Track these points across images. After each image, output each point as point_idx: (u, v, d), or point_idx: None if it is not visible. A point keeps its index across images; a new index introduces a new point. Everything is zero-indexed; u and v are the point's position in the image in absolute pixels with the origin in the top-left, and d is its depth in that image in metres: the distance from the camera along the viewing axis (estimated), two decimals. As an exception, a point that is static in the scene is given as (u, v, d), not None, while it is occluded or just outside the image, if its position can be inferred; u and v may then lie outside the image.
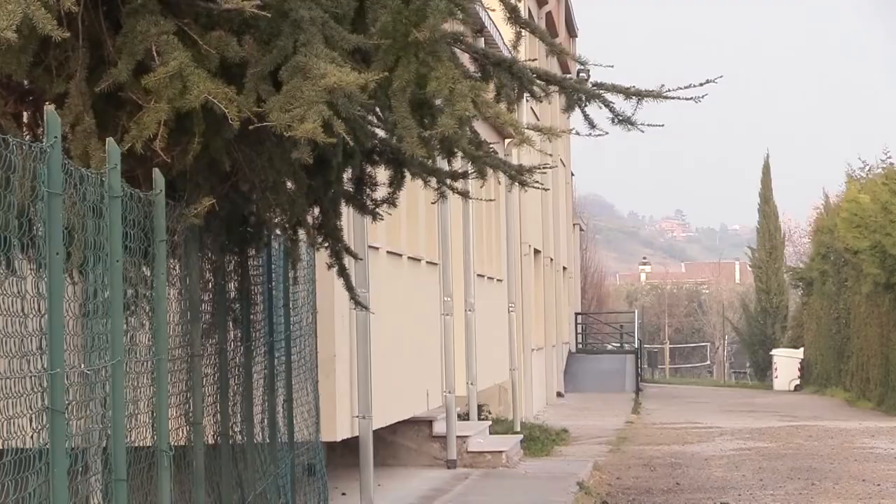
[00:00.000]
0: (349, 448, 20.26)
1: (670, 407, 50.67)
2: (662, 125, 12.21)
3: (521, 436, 31.22)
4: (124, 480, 9.06)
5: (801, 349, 65.88)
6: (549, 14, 49.24)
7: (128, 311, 9.53)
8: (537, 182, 13.38)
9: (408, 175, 12.65)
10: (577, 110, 12.19)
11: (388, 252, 23.18)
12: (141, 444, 9.85)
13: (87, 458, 8.74)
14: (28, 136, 10.20)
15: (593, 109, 12.06)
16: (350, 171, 12.46)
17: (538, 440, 32.18)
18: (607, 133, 12.23)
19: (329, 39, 10.09)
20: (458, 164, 12.66)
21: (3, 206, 7.36)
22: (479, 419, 30.61)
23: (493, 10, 13.00)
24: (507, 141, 26.21)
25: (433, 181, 12.74)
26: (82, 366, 8.59)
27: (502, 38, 27.33)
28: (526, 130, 10.95)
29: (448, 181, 12.81)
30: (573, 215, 66.52)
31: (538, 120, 36.98)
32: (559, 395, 52.10)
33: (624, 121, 11.97)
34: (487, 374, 32.88)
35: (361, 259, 15.88)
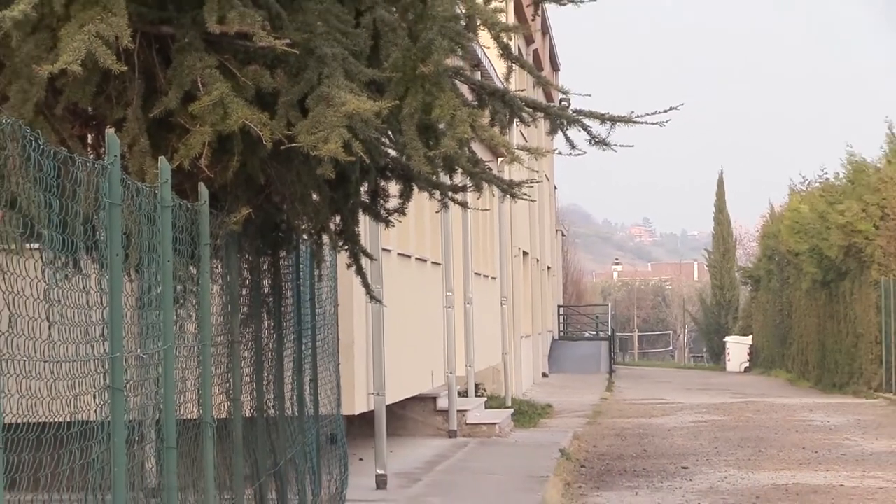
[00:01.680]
0: (365, 420, 20.26)
1: (639, 386, 50.68)
2: (633, 146, 12.21)
3: (511, 410, 31.25)
4: (174, 448, 9.05)
5: (750, 337, 65.92)
6: (535, 51, 49.23)
7: (177, 304, 9.53)
8: (525, 194, 13.38)
9: (415, 188, 12.63)
10: (560, 133, 12.17)
11: (398, 254, 23.19)
12: (188, 417, 9.84)
13: (143, 429, 8.74)
14: (92, 156, 10.19)
15: (573, 132, 12.04)
16: (366, 184, 12.44)
17: (526, 414, 32.19)
18: (585, 152, 12.21)
19: (348, 73, 10.09)
20: (458, 178, 12.64)
21: (71, 214, 7.36)
22: (476, 396, 30.65)
23: (488, 48, 12.97)
24: (499, 159, 26.19)
25: (437, 193, 12.72)
26: (138, 350, 8.58)
27: (496, 72, 27.34)
28: (516, 150, 10.94)
29: (450, 193, 12.79)
30: (556, 222, 66.50)
31: (526, 141, 36.92)
32: (544, 375, 52.11)
33: (599, 142, 11.95)
34: (483, 358, 32.90)
35: (376, 260, 15.87)
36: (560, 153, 12.52)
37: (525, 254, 45.40)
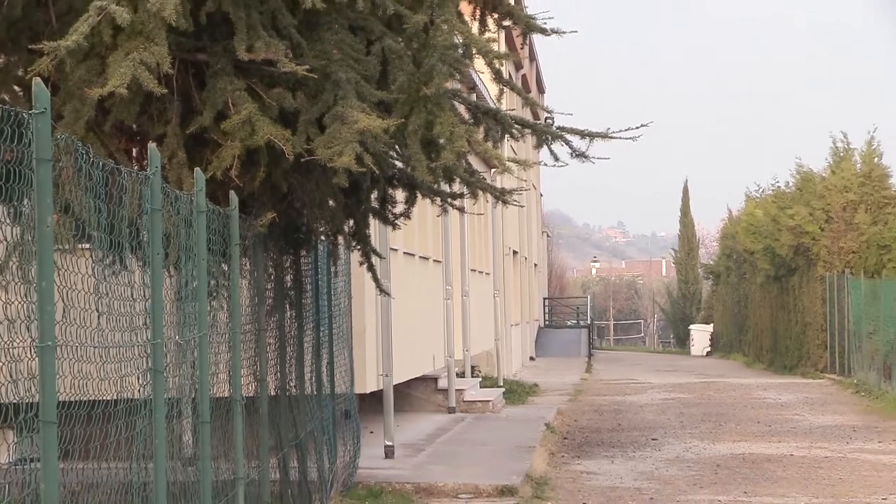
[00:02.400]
0: (375, 398, 20.25)
1: (614, 368, 50.67)
2: (608, 158, 12.21)
3: (503, 389, 31.23)
4: (208, 422, 9.05)
5: (711, 325, 65.87)
6: (524, 76, 49.19)
7: (211, 296, 9.53)
8: (515, 201, 13.38)
9: (419, 195, 12.63)
10: (545, 147, 12.18)
11: (404, 252, 23.18)
12: (220, 396, 9.84)
13: (180, 406, 8.73)
14: (136, 167, 10.19)
15: (557, 146, 12.05)
16: (376, 192, 12.44)
17: (516, 392, 32.17)
18: (567, 164, 12.21)
19: (360, 94, 10.08)
20: (457, 187, 12.64)
21: (117, 218, 7.36)
22: (472, 376, 30.66)
23: (483, 73, 13.00)
24: (492, 170, 26.18)
25: (438, 200, 12.73)
26: (177, 337, 8.58)
27: (489, 94, 27.33)
28: (507, 162, 10.94)
29: (449, 200, 12.80)
30: (542, 225, 66.47)
31: (516, 154, 36.91)
32: (531, 358, 52.08)
33: (580, 155, 11.96)
34: (478, 343, 32.91)
35: (384, 258, 15.87)
36: (545, 164, 12.53)
37: (515, 252, 45.41)
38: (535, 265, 57.84)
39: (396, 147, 11.24)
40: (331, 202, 11.59)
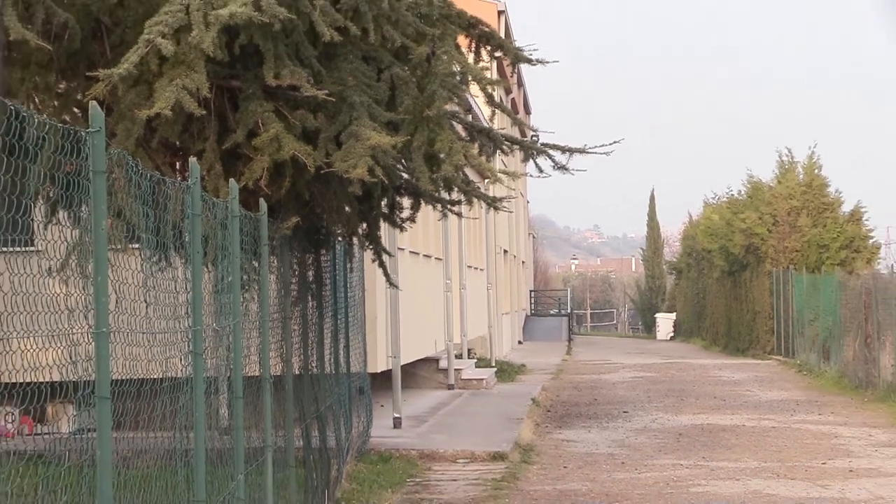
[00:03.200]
0: (385, 377, 20.27)
1: (590, 350, 50.70)
2: (586, 170, 12.21)
3: (495, 368, 31.25)
4: (241, 398, 9.04)
5: (674, 313, 65.85)
6: (513, 99, 49.18)
7: (243, 289, 9.51)
8: (505, 207, 13.37)
9: (422, 202, 12.62)
10: (531, 160, 12.16)
11: (409, 251, 23.19)
12: (251, 375, 9.83)
13: (217, 383, 8.73)
14: (179, 178, 10.19)
15: (541, 160, 12.04)
16: (385, 199, 12.43)
17: (506, 371, 32.19)
18: (550, 175, 12.21)
19: (372, 115, 10.07)
20: (455, 195, 12.63)
21: (162, 222, 7.35)
22: (469, 358, 30.66)
23: (477, 97, 12.98)
24: (486, 180, 26.23)
25: (439, 206, 12.71)
26: (214, 324, 8.57)
27: (483, 115, 27.33)
28: (498, 174, 10.93)
29: (448, 206, 12.78)
30: (528, 227, 66.46)
31: (506, 166, 36.97)
32: (519, 342, 52.10)
33: (561, 167, 11.94)
34: (474, 329, 32.92)
35: (393, 256, 15.87)
36: (531, 175, 12.51)
37: (505, 251, 45.44)
38: (523, 262, 57.86)
39: (403, 161, 11.23)
40: (347, 208, 11.58)
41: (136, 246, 7.19)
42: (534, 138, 12.25)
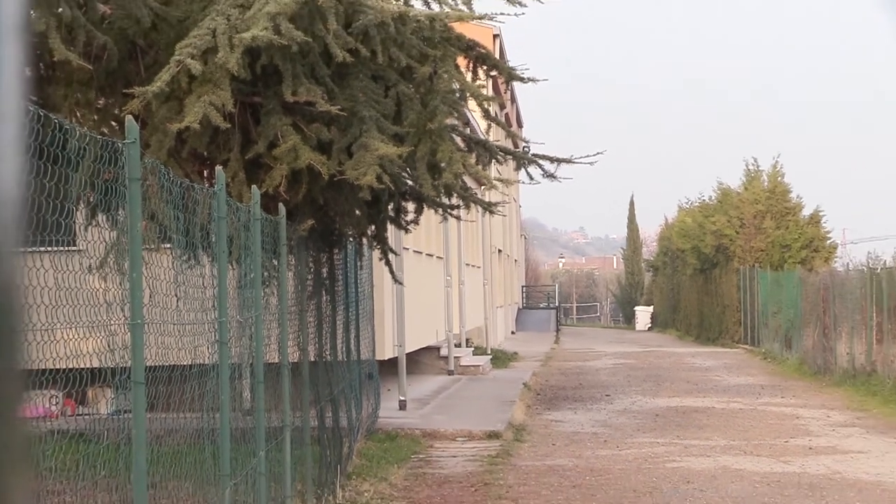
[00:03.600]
0: (391, 363, 20.26)
1: (576, 340, 50.69)
2: (572, 178, 12.20)
3: (490, 356, 31.23)
4: (262, 382, 9.04)
5: (652, 306, 65.83)
6: (506, 114, 49.13)
7: (264, 284, 9.51)
8: (500, 211, 13.40)
9: (425, 206, 12.62)
10: (523, 169, 12.16)
11: (413, 251, 23.18)
12: (272, 361, 9.83)
13: (241, 369, 8.73)
14: (206, 185, 10.19)
15: (532, 169, 12.03)
16: (392, 204, 12.43)
17: (500, 359, 32.17)
18: (540, 182, 12.20)
19: (380, 128, 10.08)
20: (454, 200, 12.64)
21: (191, 224, 7.35)
22: (467, 347, 30.62)
23: (475, 111, 13.00)
24: (482, 187, 26.24)
25: (440, 210, 12.71)
26: (238, 316, 8.57)
27: (480, 128, 27.32)
28: (493, 181, 10.94)
29: (448, 210, 12.79)
30: (520, 229, 66.45)
31: (500, 174, 37.01)
32: (512, 333, 52.07)
33: (549, 175, 11.93)
34: (471, 320, 32.90)
35: (398, 255, 15.87)
36: (523, 182, 12.51)
37: (499, 251, 45.42)
38: (515, 260, 57.84)
39: (408, 169, 11.24)
40: (357, 212, 11.59)
41: (168, 246, 7.19)
42: (525, 149, 12.22)
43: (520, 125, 62.40)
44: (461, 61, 11.50)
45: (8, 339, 0.71)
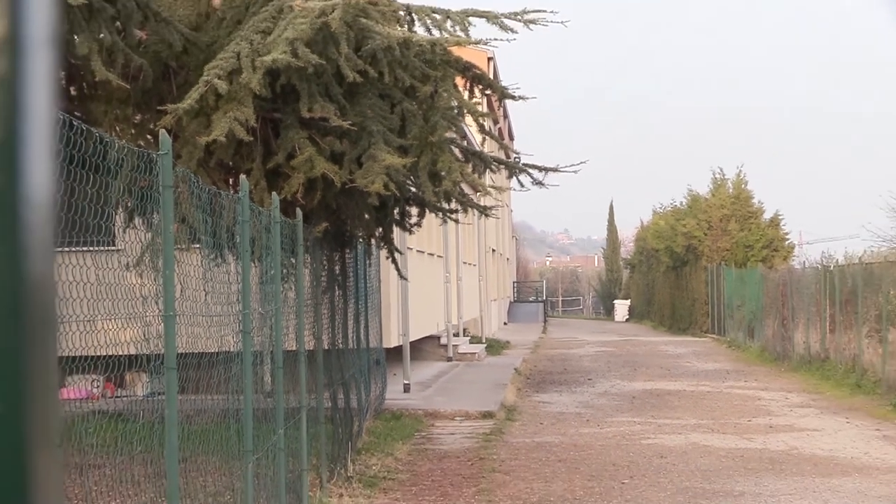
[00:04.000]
0: (396, 351, 20.24)
1: (562, 330, 50.65)
2: (558, 185, 12.18)
3: (485, 344, 31.19)
4: (281, 368, 9.03)
5: (629, 300, 65.80)
6: (499, 128, 49.15)
7: (283, 280, 9.50)
8: (494, 214, 13.37)
9: (427, 211, 12.61)
10: (514, 177, 12.15)
11: (416, 250, 23.15)
12: (290, 349, 9.82)
13: (262, 356, 8.71)
14: (231, 192, 10.18)
15: (523, 177, 12.02)
16: (397, 209, 12.42)
17: (494, 347, 32.15)
18: (530, 189, 12.19)
19: (386, 141, 10.07)
20: (453, 205, 12.62)
21: (218, 227, 7.33)
22: (464, 336, 30.60)
23: (471, 126, 12.98)
24: (478, 193, 26.27)
25: (440, 214, 12.70)
26: (259, 309, 8.55)
27: (475, 141, 27.31)
28: (488, 188, 10.92)
29: (448, 214, 12.77)
30: (512, 231, 66.43)
31: (494, 182, 36.97)
32: (505, 323, 52.04)
33: (538, 183, 11.92)
34: (468, 312, 32.87)
35: (403, 254, 15.85)
36: (514, 189, 12.49)
37: (493, 250, 45.40)
38: (508, 259, 57.84)
39: (411, 177, 11.23)
40: (366, 215, 11.58)
41: (198, 246, 7.18)
42: (516, 159, 12.22)
43: (511, 138, 62.36)
44: (459, 81, 11.49)
45: (44, 331, 0.69)
